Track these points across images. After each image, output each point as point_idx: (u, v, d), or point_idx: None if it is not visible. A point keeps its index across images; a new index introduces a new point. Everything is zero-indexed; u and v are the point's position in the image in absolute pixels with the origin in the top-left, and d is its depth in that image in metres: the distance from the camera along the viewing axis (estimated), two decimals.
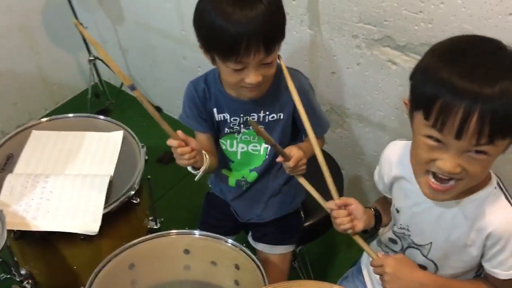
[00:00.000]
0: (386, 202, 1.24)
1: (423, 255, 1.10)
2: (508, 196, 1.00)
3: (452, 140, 0.84)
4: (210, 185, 1.55)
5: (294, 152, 1.18)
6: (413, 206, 1.08)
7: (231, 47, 1.08)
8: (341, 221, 1.12)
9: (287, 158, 1.17)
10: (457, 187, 0.92)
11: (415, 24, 1.39)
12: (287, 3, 1.63)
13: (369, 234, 1.22)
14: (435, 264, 1.10)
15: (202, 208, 1.59)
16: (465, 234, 1.01)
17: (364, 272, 1.33)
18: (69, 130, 1.62)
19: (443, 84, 0.83)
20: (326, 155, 1.71)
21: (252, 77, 1.13)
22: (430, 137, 0.88)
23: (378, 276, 1.09)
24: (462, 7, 1.27)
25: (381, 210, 1.23)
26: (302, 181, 1.21)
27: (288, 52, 1.76)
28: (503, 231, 0.96)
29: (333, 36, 1.61)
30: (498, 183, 1.01)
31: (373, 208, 1.22)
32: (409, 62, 1.48)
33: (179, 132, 1.16)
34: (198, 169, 1.23)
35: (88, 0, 2.50)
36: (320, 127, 1.34)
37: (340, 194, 1.62)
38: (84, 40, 2.43)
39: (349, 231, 1.13)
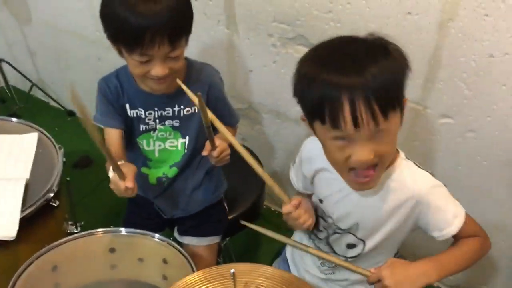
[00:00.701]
0: (305, 196, 1.26)
1: (352, 234, 1.14)
2: (416, 163, 1.08)
3: (353, 132, 0.91)
4: None
5: (218, 143, 1.21)
6: (336, 193, 1.13)
7: (135, 39, 1.09)
8: (304, 219, 1.13)
9: (214, 146, 1.20)
10: (378, 173, 1.00)
11: (325, 23, 1.49)
12: (204, 3, 1.67)
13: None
14: (363, 241, 1.14)
15: (126, 208, 1.57)
16: (387, 207, 1.06)
17: (289, 259, 1.37)
18: None
19: (323, 86, 0.91)
20: (247, 150, 1.77)
21: (158, 70, 1.15)
22: (335, 138, 0.95)
23: (302, 260, 1.13)
24: (367, 7, 1.39)
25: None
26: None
27: (206, 51, 1.79)
28: (425, 194, 1.03)
29: (249, 36, 1.67)
30: (405, 156, 1.10)
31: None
32: None
33: None
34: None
35: None
36: (234, 118, 1.41)
37: (261, 187, 1.70)
38: None
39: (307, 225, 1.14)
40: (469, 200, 1.57)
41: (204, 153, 1.22)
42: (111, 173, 1.15)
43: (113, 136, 1.31)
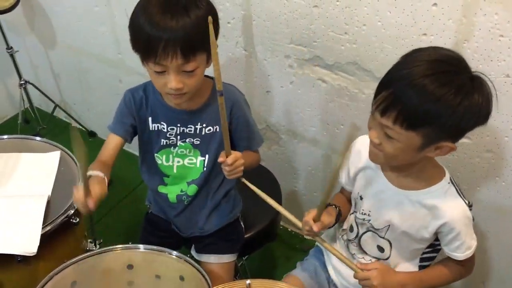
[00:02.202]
0: (343, 196, 1.40)
1: (381, 237, 1.25)
2: (458, 190, 1.19)
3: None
4: (148, 205, 1.55)
5: (234, 153, 1.25)
6: (378, 193, 1.23)
7: (148, 46, 1.13)
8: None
9: (229, 154, 1.24)
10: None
11: (341, 45, 1.51)
12: (222, 25, 1.71)
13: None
14: (390, 243, 1.26)
15: (142, 227, 1.59)
16: (420, 220, 1.18)
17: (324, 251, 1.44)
18: (3, 152, 1.58)
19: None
20: (265, 170, 1.79)
21: (172, 83, 1.17)
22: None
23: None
24: (382, 29, 1.41)
25: (340, 205, 1.35)
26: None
27: (224, 72, 1.81)
28: (455, 221, 1.15)
29: (267, 57, 1.70)
30: (450, 179, 1.19)
31: (335, 206, 1.33)
32: (337, 80, 1.60)
33: None
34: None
35: (19, 24, 2.46)
36: (255, 141, 1.42)
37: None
38: (14, 63, 2.37)
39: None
40: (487, 219, 1.56)
41: (220, 159, 1.24)
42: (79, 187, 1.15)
43: (112, 141, 1.33)
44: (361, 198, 1.28)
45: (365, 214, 1.27)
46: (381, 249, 1.27)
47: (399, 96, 1.01)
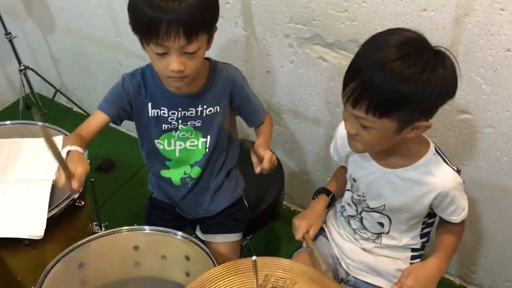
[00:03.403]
0: (343, 169, 1.41)
1: (379, 212, 1.28)
2: (445, 158, 1.20)
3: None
4: (151, 190, 1.56)
5: (263, 152, 1.25)
6: (368, 175, 1.25)
7: (150, 27, 1.12)
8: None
9: (260, 158, 1.24)
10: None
11: (341, 22, 1.50)
12: (221, 5, 1.69)
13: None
14: (390, 219, 1.28)
15: (146, 212, 1.59)
16: (414, 195, 1.20)
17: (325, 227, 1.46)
18: (6, 138, 1.59)
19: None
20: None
21: (174, 64, 1.16)
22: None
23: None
24: (382, 5, 1.40)
25: (337, 181, 1.43)
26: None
27: (224, 53, 1.82)
28: (448, 189, 1.17)
29: (266, 36, 1.69)
30: (435, 149, 1.20)
31: (327, 193, 1.41)
32: (338, 58, 1.59)
33: None
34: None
35: (17, 9, 2.44)
36: (259, 114, 1.42)
37: (281, 187, 1.71)
38: (14, 49, 2.37)
39: None
40: (489, 196, 1.57)
41: (257, 170, 1.24)
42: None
43: (97, 118, 1.30)
44: (355, 181, 1.30)
45: (360, 196, 1.29)
46: (381, 224, 1.29)
47: (367, 86, 1.02)
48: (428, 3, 1.32)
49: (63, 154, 1.15)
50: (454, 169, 1.19)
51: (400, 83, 0.99)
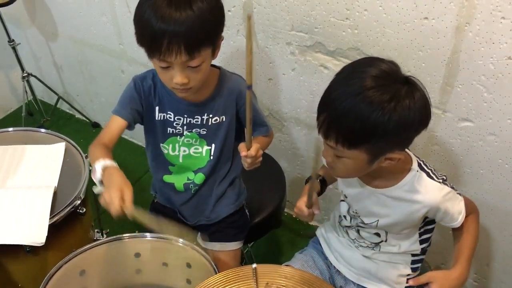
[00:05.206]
0: None
1: (374, 227, 1.28)
2: (430, 172, 1.19)
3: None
4: (153, 194, 1.57)
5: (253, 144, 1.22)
6: (357, 194, 1.25)
7: (153, 42, 1.12)
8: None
9: (249, 146, 1.21)
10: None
11: (343, 30, 1.51)
12: None
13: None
14: (386, 231, 1.28)
15: None
16: (405, 210, 1.20)
17: (321, 240, 1.46)
18: (9, 144, 1.59)
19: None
20: (269, 158, 1.80)
21: (177, 78, 1.17)
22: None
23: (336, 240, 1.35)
24: (384, 13, 1.40)
25: (327, 174, 1.39)
26: None
27: (226, 60, 1.83)
28: (437, 204, 1.17)
29: (268, 44, 1.70)
30: (419, 164, 1.19)
31: (320, 179, 1.38)
32: (339, 66, 1.56)
33: None
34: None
35: (20, 17, 2.46)
36: (263, 127, 1.42)
37: (283, 194, 1.71)
38: (17, 56, 2.38)
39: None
40: (491, 204, 1.57)
41: (242, 153, 1.20)
42: (97, 189, 1.18)
43: (116, 124, 1.30)
44: (346, 197, 1.31)
45: (354, 212, 1.30)
46: (377, 234, 1.29)
47: (335, 118, 1.03)
48: (429, 11, 1.32)
49: (98, 169, 1.17)
50: (439, 182, 1.18)
51: (365, 114, 0.99)
